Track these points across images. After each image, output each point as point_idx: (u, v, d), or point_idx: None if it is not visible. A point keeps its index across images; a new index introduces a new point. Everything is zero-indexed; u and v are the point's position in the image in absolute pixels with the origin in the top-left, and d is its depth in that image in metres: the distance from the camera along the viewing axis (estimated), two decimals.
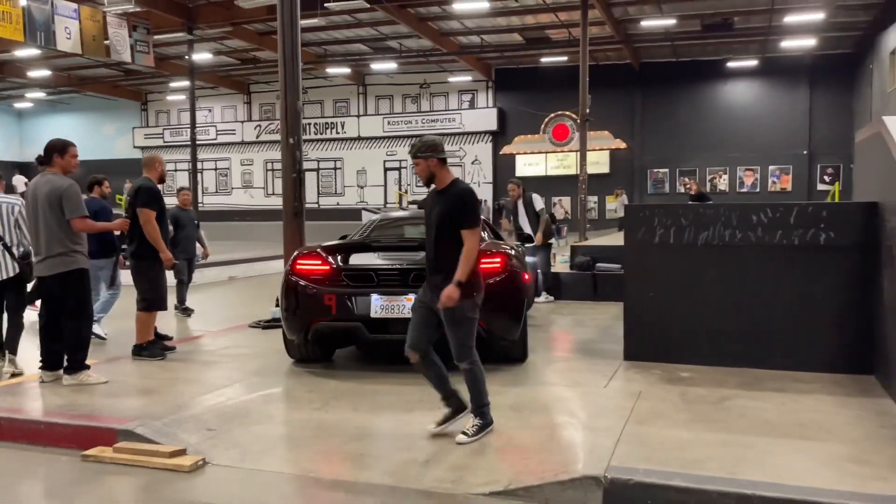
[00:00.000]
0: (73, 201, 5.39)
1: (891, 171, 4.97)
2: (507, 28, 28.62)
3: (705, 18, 26.25)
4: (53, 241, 5.36)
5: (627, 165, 32.56)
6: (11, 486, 4.04)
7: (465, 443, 4.29)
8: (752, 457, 3.85)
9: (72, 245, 5.42)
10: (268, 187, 38.64)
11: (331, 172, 38.00)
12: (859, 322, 5.44)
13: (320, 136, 38.01)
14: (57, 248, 5.36)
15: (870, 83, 26.17)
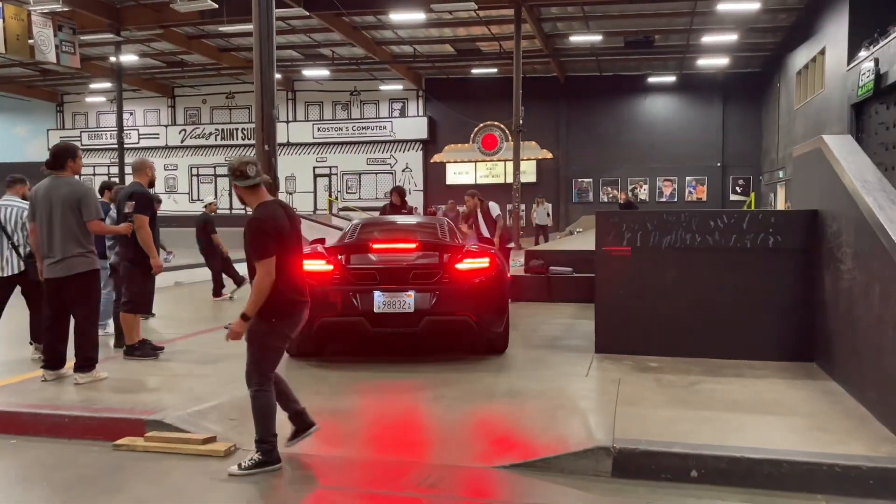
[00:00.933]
0: (93, 204, 5.62)
1: (830, 184, 5.72)
2: (439, 39, 29.23)
3: (628, 35, 27.60)
4: (72, 243, 5.50)
5: (553, 175, 33.71)
6: (61, 476, 4.21)
7: (235, 474, 4.06)
8: (731, 428, 4.43)
9: (89, 246, 5.59)
10: (193, 193, 37.95)
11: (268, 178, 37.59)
12: (802, 316, 6.17)
13: (248, 141, 37.60)
14: (76, 248, 5.51)
15: (777, 100, 28.10)
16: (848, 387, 5.17)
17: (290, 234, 4.25)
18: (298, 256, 4.35)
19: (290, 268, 4.22)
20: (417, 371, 6.22)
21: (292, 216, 4.38)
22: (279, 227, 4.17)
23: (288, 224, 4.26)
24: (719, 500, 3.76)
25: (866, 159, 5.58)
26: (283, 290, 4.15)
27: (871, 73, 15.90)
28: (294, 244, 4.29)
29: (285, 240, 4.19)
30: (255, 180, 4.28)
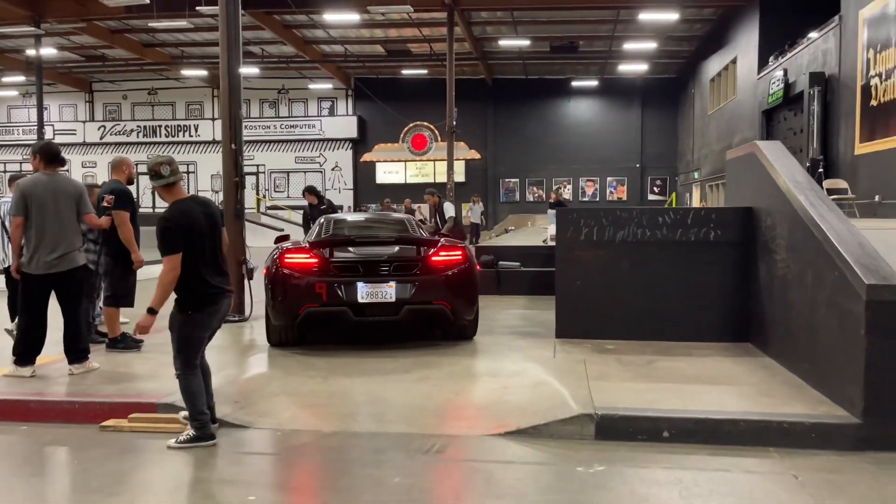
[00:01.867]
0: (88, 200, 5.80)
1: (764, 184, 6.48)
2: (370, 39, 29.50)
3: (554, 41, 28.61)
4: (75, 237, 5.70)
5: (481, 175, 34.49)
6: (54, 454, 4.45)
7: (172, 447, 4.42)
8: (691, 397, 5.08)
9: (81, 241, 5.80)
10: None
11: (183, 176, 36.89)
12: (739, 301, 6.93)
13: (172, 139, 36.90)
14: (77, 243, 5.72)
15: (692, 105, 29.72)
16: (783, 361, 5.91)
17: (203, 230, 4.56)
18: (215, 249, 4.67)
19: (204, 262, 4.55)
20: (397, 356, 6.66)
21: (212, 213, 4.72)
22: (187, 224, 4.49)
23: (203, 220, 4.59)
24: (688, 454, 4.37)
25: (795, 163, 6.37)
26: (196, 284, 4.50)
27: (780, 83, 17.24)
28: (209, 239, 4.61)
29: (196, 235, 4.52)
30: (168, 179, 4.61)
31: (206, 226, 4.60)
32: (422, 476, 4.09)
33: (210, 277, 4.58)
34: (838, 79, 14.98)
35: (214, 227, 4.69)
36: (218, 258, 4.70)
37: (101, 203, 6.66)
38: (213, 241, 4.67)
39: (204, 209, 4.69)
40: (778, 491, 3.82)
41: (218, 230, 4.74)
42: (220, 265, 4.72)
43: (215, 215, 4.74)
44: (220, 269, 4.70)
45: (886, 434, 4.33)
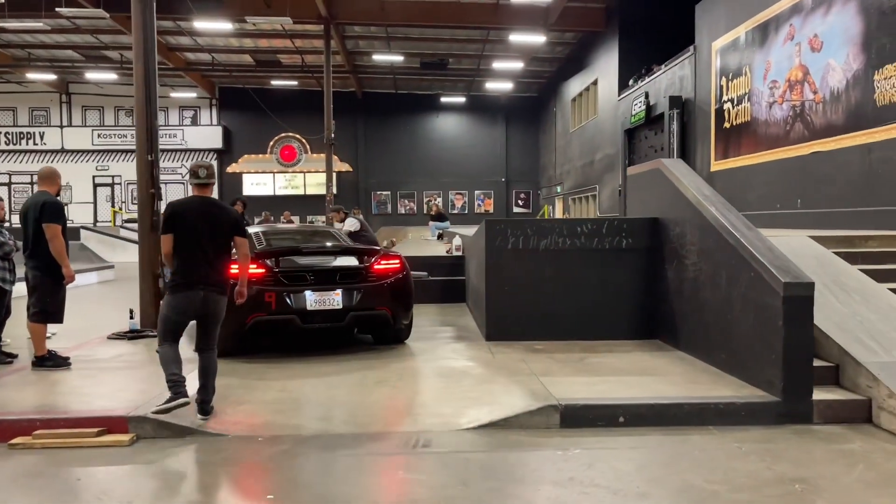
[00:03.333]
0: None
1: (671, 197, 7.29)
2: (239, 49, 28.96)
3: (424, 57, 29.42)
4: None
5: (353, 187, 34.66)
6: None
7: (156, 412, 4.89)
8: (631, 387, 5.67)
9: None
10: None
11: (27, 187, 34.30)
12: (648, 302, 7.70)
13: (14, 146, 34.25)
14: None
15: (554, 123, 31.49)
16: (695, 353, 6.69)
17: (195, 225, 5.10)
18: (206, 247, 5.11)
19: (189, 252, 5.08)
20: (343, 361, 6.87)
21: (214, 214, 5.21)
22: (179, 213, 5.16)
23: (198, 216, 5.14)
24: (645, 435, 4.94)
25: (699, 178, 7.22)
26: (178, 269, 5.10)
27: (642, 104, 18.81)
28: (205, 236, 5.10)
29: (185, 226, 5.09)
30: (202, 180, 5.34)
31: (203, 222, 5.12)
32: (422, 469, 4.36)
33: (191, 268, 5.08)
34: (694, 102, 16.64)
35: (214, 226, 5.17)
36: (208, 255, 5.11)
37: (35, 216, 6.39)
38: (210, 239, 5.13)
39: (207, 209, 5.22)
40: (731, 459, 4.44)
41: (219, 231, 5.18)
42: (211, 262, 5.13)
43: (218, 217, 5.21)
44: (208, 265, 5.11)
45: (802, 409, 5.11)
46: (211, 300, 5.13)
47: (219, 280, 5.18)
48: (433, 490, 4.00)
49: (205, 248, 5.09)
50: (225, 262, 5.25)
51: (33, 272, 6.52)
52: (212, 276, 5.11)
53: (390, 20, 23.89)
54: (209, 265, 5.11)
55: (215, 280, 5.14)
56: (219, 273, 5.19)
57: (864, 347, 5.40)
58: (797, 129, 12.25)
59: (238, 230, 5.30)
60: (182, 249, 5.07)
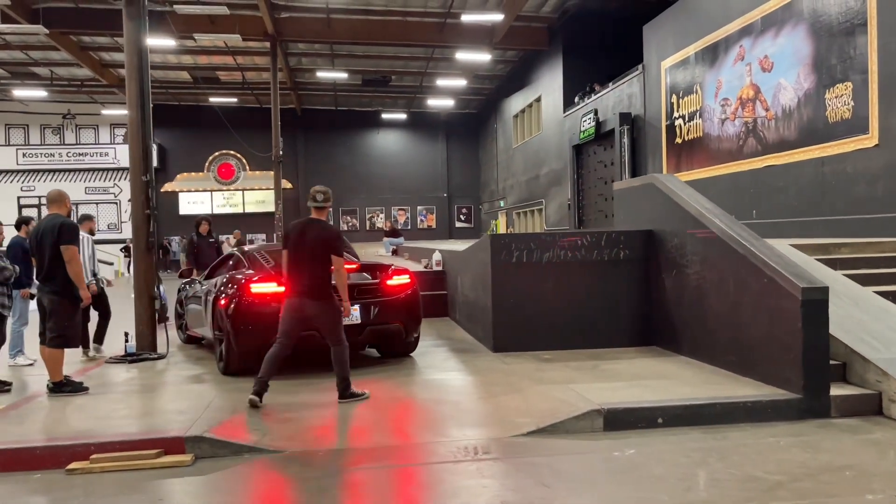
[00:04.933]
0: None
1: (668, 210, 7.72)
2: (177, 66, 28.46)
3: (367, 74, 29.57)
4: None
5: (294, 204, 34.24)
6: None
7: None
8: (657, 389, 5.99)
9: None
10: None
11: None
12: (645, 311, 8.10)
13: None
14: None
15: (495, 139, 32.10)
16: (699, 357, 7.09)
17: (297, 241, 6.02)
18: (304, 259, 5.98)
19: (294, 264, 6.03)
20: (364, 375, 6.96)
21: (314, 231, 6.04)
22: (287, 232, 6.21)
23: (299, 234, 6.04)
24: (686, 434, 5.25)
25: (695, 192, 7.67)
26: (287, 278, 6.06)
27: (592, 121, 19.50)
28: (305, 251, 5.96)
29: (290, 242, 6.08)
30: (318, 204, 6.21)
31: (304, 240, 5.99)
32: (494, 474, 4.53)
33: (295, 277, 6.02)
34: (644, 119, 17.39)
35: (316, 242, 5.97)
36: (307, 267, 5.98)
37: (51, 239, 6.29)
38: (310, 253, 5.96)
39: (306, 228, 6.08)
40: (776, 452, 4.79)
41: (319, 246, 5.98)
42: (309, 273, 5.98)
43: (320, 237, 6.00)
44: (307, 276, 5.98)
45: (821, 405, 5.53)
46: (305, 304, 5.97)
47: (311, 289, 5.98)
48: (518, 492, 4.17)
49: (303, 262, 5.96)
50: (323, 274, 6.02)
51: (50, 296, 6.36)
52: (311, 286, 5.95)
53: (336, 38, 23.97)
54: (311, 277, 5.96)
55: (307, 288, 5.96)
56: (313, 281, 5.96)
57: (868, 346, 5.89)
58: (750, 144, 13.02)
59: (332, 249, 6.00)
60: (288, 260, 6.05)
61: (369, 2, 21.58)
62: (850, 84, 10.41)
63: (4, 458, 4.72)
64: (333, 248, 6.00)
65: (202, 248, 11.19)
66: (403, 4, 21.78)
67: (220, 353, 7.16)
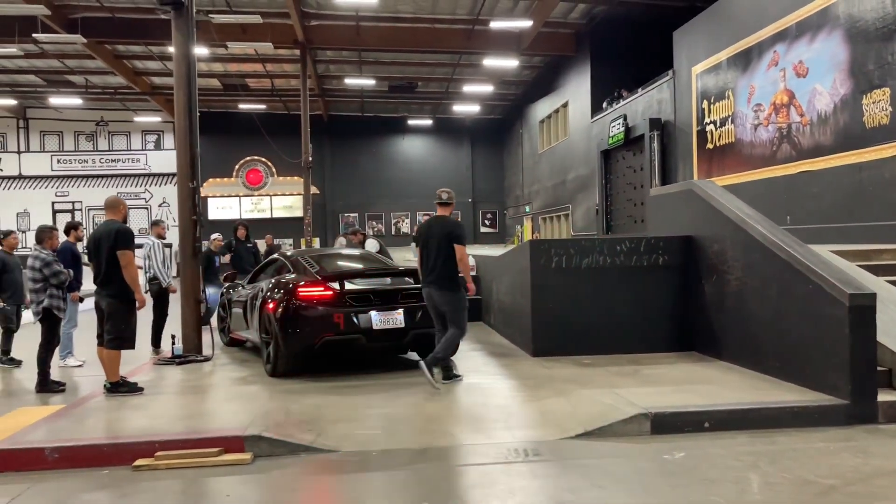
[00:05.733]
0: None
1: (707, 216, 7.77)
2: (207, 73, 28.77)
3: (393, 80, 29.79)
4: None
5: (321, 209, 34.59)
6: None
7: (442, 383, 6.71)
8: (701, 394, 6.05)
9: None
10: None
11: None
12: (684, 316, 8.15)
13: None
14: None
15: (521, 145, 32.16)
16: (742, 363, 7.11)
17: (424, 238, 6.89)
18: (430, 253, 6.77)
19: (423, 262, 6.84)
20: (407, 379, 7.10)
21: (438, 229, 6.85)
22: (419, 231, 7.10)
23: (428, 232, 6.90)
24: (732, 438, 5.30)
25: (736, 198, 7.71)
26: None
27: (621, 126, 19.51)
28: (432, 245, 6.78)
29: (422, 239, 6.93)
30: (443, 201, 7.08)
31: (432, 236, 6.78)
32: (547, 475, 4.63)
33: (425, 269, 6.79)
34: (675, 124, 17.38)
35: (442, 238, 6.72)
36: (431, 261, 6.71)
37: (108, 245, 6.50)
38: (435, 247, 6.71)
39: (434, 225, 6.92)
40: (826, 456, 4.84)
41: (443, 239, 6.71)
42: (433, 267, 6.69)
43: (441, 231, 6.78)
44: (432, 268, 6.70)
45: (868, 410, 5.56)
46: (432, 293, 6.71)
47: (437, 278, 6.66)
48: (574, 493, 4.26)
49: (429, 256, 6.71)
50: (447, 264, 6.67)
51: (108, 300, 6.56)
52: (436, 275, 6.65)
53: (365, 45, 24.20)
54: (434, 269, 6.68)
55: (434, 278, 6.67)
56: (440, 271, 6.64)
57: None
58: (784, 149, 12.99)
59: (457, 238, 6.71)
60: (420, 258, 6.84)
61: (398, 9, 21.77)
62: (888, 89, 10.37)
63: (73, 455, 4.90)
64: (455, 237, 6.71)
65: (241, 253, 11.40)
66: (432, 11, 21.95)
67: (268, 355, 7.33)
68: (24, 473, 4.78)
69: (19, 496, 4.40)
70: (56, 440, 5.08)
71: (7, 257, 9.26)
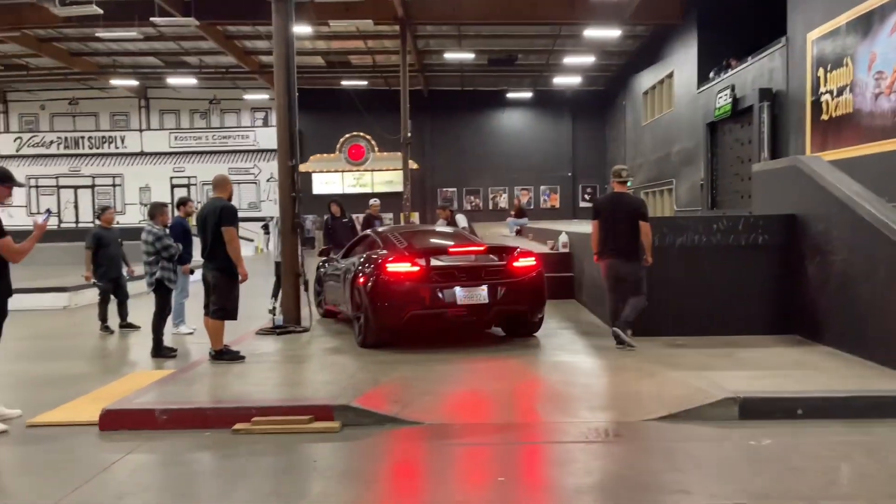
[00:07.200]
0: None
1: (813, 194, 7.39)
2: (311, 51, 29.53)
3: (493, 54, 29.58)
4: None
5: (419, 185, 34.99)
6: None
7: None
8: (798, 380, 5.82)
9: None
10: (31, 205, 35.09)
11: (109, 189, 35.66)
12: (784, 298, 7.82)
13: (96, 150, 35.56)
14: None
15: (623, 117, 31.33)
16: (845, 348, 6.77)
17: (606, 211, 7.44)
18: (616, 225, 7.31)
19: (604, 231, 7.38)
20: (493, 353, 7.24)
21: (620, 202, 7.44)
22: (597, 207, 7.64)
23: (609, 205, 7.49)
24: (825, 427, 5.09)
25: (844, 175, 7.30)
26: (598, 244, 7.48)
27: (728, 97, 18.69)
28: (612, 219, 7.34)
29: (601, 211, 7.51)
30: (621, 179, 7.54)
31: (620, 211, 7.33)
32: (624, 457, 4.62)
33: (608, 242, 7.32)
34: (787, 94, 16.48)
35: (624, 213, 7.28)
36: (618, 232, 7.25)
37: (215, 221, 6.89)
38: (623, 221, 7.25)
39: (620, 201, 7.42)
40: None
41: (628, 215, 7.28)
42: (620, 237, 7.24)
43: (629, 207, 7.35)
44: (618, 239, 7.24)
45: None
46: (617, 264, 7.23)
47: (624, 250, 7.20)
48: (652, 475, 4.25)
49: (616, 228, 7.19)
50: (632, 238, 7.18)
51: (213, 273, 6.97)
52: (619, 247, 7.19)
53: (464, 19, 24.15)
54: (623, 240, 7.17)
55: (620, 250, 7.19)
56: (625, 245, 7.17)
57: None
58: None
59: (640, 216, 7.24)
60: (599, 229, 7.32)
61: None
62: None
63: (180, 417, 5.29)
64: (641, 214, 7.26)
65: (336, 228, 11.78)
66: None
67: (359, 327, 7.60)
68: (135, 432, 5.19)
69: (131, 453, 4.80)
70: (165, 402, 5.49)
71: (104, 233, 10.00)
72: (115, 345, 9.34)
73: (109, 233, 10.15)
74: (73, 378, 7.13)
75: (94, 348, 9.10)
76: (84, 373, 7.44)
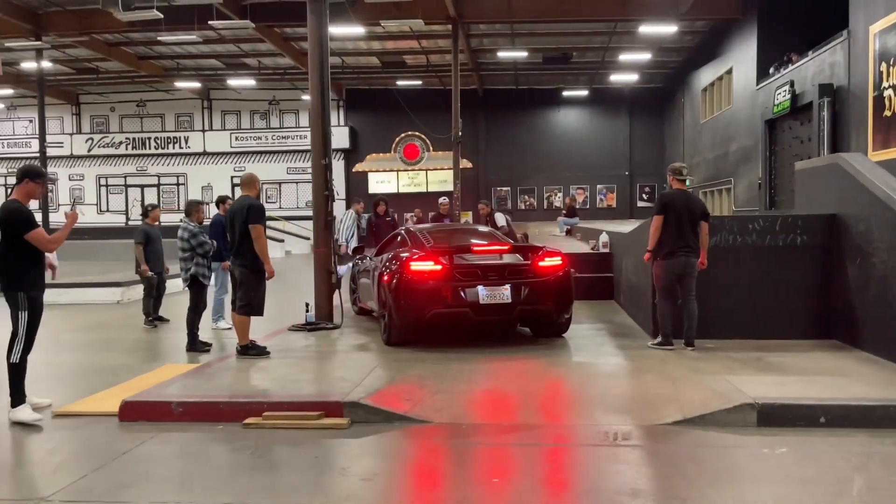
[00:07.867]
0: None
1: (854, 193, 7.07)
2: (367, 52, 29.87)
3: (547, 52, 29.32)
4: None
5: (473, 184, 34.94)
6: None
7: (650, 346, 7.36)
8: (827, 387, 5.57)
9: None
10: (101, 203, 36.54)
11: (173, 188, 36.82)
12: (823, 301, 7.51)
13: (162, 150, 36.76)
14: None
15: (682, 115, 30.63)
16: (884, 354, 6.45)
17: (677, 209, 7.16)
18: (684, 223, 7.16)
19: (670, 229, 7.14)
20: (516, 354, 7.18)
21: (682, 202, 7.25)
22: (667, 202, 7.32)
23: (681, 203, 7.23)
24: (847, 436, 4.87)
25: (887, 174, 6.97)
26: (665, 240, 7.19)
27: (787, 93, 18.07)
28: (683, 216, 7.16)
29: (671, 209, 7.20)
30: (681, 177, 7.47)
31: (685, 208, 7.18)
32: (631, 461, 4.52)
33: (675, 238, 7.12)
34: (848, 90, 15.82)
35: (698, 213, 7.23)
36: (686, 230, 7.13)
37: (243, 219, 7.03)
38: (688, 218, 7.13)
39: (687, 199, 7.34)
40: None
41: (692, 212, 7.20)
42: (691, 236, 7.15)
43: (697, 207, 7.32)
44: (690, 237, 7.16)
45: None
46: (690, 262, 7.10)
47: (694, 248, 7.14)
48: (653, 480, 4.15)
49: (683, 225, 7.08)
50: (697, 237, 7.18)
51: (240, 269, 7.13)
52: (690, 245, 7.09)
53: (517, 17, 24.01)
54: (691, 238, 7.10)
55: (692, 248, 7.11)
56: (693, 243, 7.13)
57: None
58: None
59: (705, 216, 7.24)
60: (665, 226, 7.13)
61: None
62: None
63: (194, 410, 5.42)
64: (706, 214, 7.29)
65: (380, 227, 11.90)
66: None
67: (384, 325, 7.65)
68: (153, 423, 5.35)
69: (144, 443, 4.95)
70: (182, 395, 5.64)
71: (151, 230, 10.38)
72: (155, 338, 9.64)
73: (155, 230, 10.56)
74: (111, 369, 7.38)
75: (135, 341, 9.41)
76: (121, 364, 7.69)
